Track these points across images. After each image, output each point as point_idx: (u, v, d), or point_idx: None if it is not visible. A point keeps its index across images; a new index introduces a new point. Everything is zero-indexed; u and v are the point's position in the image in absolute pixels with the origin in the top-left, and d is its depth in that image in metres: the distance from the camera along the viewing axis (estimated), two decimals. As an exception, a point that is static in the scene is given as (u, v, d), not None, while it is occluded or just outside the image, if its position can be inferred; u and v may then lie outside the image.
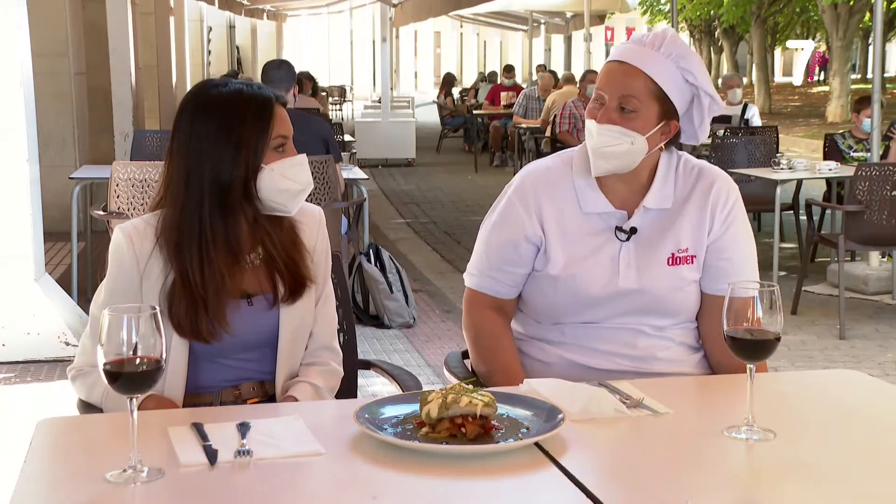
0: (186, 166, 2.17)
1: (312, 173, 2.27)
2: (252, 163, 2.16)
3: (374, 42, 31.45)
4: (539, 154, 11.86)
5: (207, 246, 2.15)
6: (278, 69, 6.17)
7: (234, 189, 2.16)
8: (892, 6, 24.91)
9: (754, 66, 29.84)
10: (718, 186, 2.38)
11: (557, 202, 2.37)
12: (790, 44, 42.42)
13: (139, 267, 2.17)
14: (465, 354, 2.63)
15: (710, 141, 8.65)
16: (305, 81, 10.64)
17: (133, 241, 2.18)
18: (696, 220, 2.36)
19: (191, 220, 2.16)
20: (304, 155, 2.25)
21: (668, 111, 2.30)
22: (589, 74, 10.87)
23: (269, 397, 2.28)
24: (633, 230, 2.35)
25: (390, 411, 1.88)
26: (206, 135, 2.16)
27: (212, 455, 1.69)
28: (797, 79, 43.46)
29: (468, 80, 34.40)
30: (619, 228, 2.35)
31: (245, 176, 2.16)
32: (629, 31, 50.53)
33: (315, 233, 2.33)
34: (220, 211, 2.16)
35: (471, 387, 1.83)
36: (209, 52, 21.16)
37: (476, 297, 2.48)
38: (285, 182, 2.19)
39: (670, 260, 2.34)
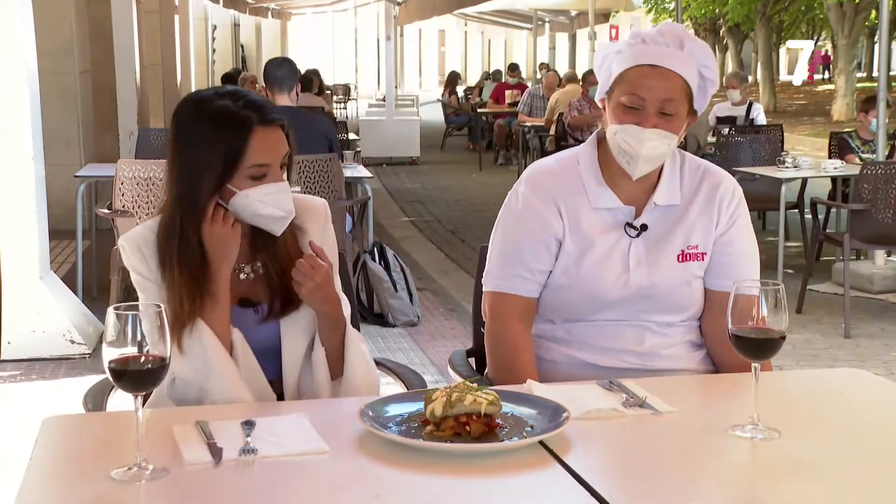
0: (170, 176, 2.19)
1: (316, 171, 2.26)
2: (215, 188, 2.12)
3: (378, 40, 31.41)
4: (543, 152, 11.86)
5: (182, 256, 2.15)
6: (280, 67, 6.14)
7: (205, 209, 2.14)
8: (897, 4, 24.84)
9: (759, 64, 29.77)
10: (725, 185, 2.41)
11: (570, 198, 2.38)
12: (790, 44, 42.28)
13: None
14: (469, 353, 2.62)
15: (714, 139, 8.65)
16: (313, 79, 10.64)
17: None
18: (705, 217, 2.38)
19: (171, 229, 2.17)
20: (286, 182, 2.17)
21: (692, 108, 2.35)
22: (591, 75, 10.87)
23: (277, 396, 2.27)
24: (644, 227, 2.36)
25: (394, 409, 1.88)
26: (180, 149, 2.16)
27: (216, 453, 1.70)
28: (797, 78, 43.23)
29: (472, 78, 34.37)
30: (629, 225, 2.36)
31: (210, 199, 2.13)
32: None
33: (320, 233, 2.29)
34: (191, 225, 2.15)
35: (475, 385, 1.83)
36: (213, 51, 21.18)
37: (502, 301, 2.39)
38: (266, 208, 2.14)
39: (680, 256, 2.36)
